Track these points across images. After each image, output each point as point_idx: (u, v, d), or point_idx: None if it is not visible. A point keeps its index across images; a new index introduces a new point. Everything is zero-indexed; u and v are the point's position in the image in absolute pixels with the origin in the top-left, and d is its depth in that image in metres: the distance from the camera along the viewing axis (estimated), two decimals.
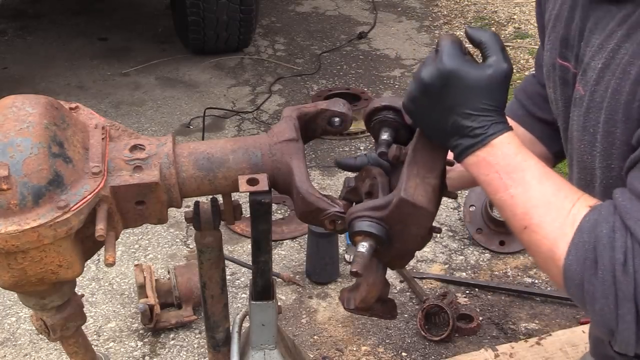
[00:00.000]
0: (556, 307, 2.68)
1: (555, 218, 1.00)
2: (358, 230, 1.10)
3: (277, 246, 3.00)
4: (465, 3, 5.49)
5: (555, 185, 1.03)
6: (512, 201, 1.03)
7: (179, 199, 1.17)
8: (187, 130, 3.91)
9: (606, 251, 0.95)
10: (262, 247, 1.28)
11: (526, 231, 1.03)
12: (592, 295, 0.97)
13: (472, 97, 1.03)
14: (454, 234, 3.10)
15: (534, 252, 1.04)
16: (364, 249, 1.09)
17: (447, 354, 2.48)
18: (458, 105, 1.04)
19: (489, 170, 1.04)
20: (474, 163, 1.06)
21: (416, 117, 1.11)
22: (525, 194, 1.02)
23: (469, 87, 1.03)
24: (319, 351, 2.51)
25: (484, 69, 1.04)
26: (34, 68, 4.58)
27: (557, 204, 1.01)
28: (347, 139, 3.79)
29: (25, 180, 1.00)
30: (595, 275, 0.96)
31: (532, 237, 1.02)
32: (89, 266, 2.82)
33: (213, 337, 1.45)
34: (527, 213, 1.02)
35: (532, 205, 1.01)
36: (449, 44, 1.05)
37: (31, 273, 1.05)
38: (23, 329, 2.60)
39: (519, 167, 1.03)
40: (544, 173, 1.03)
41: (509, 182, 1.03)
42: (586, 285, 0.97)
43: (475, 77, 1.03)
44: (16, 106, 1.07)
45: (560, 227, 0.99)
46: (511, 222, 1.05)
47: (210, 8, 4.33)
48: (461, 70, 1.03)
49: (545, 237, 1.00)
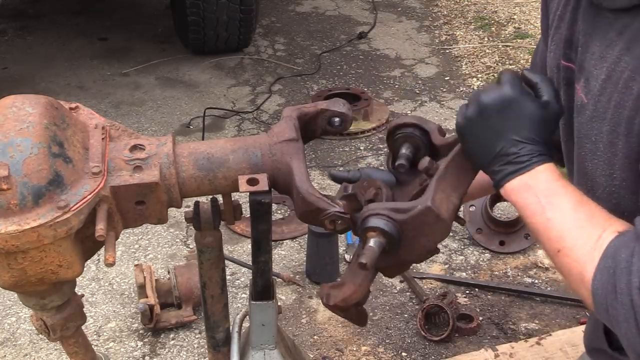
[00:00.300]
0: (556, 307, 2.68)
1: (586, 242, 1.03)
2: (374, 226, 1.12)
3: (277, 246, 3.00)
4: (465, 3, 5.49)
5: (590, 211, 1.06)
6: (547, 224, 1.06)
7: (179, 199, 1.17)
8: (187, 130, 3.91)
9: (623, 275, 0.97)
10: (262, 247, 1.28)
11: (559, 254, 1.06)
12: (616, 319, 0.99)
13: (524, 127, 1.09)
14: (454, 234, 3.10)
15: (566, 275, 1.07)
16: (375, 245, 1.11)
17: (447, 354, 2.48)
18: (510, 132, 1.09)
19: (528, 194, 1.08)
20: (515, 187, 1.09)
21: (467, 137, 1.15)
22: (561, 218, 1.06)
23: (524, 117, 1.09)
24: (319, 351, 2.51)
25: (540, 104, 1.10)
26: (34, 68, 4.58)
27: (589, 230, 1.04)
28: (347, 139, 3.79)
29: (25, 180, 1.00)
30: (616, 300, 0.98)
31: (564, 260, 1.05)
32: (89, 266, 2.82)
33: (213, 337, 1.45)
34: (561, 237, 1.05)
35: (566, 229, 1.05)
36: (511, 76, 1.12)
37: (31, 273, 1.05)
38: (23, 329, 2.60)
39: (557, 192, 1.07)
40: (580, 200, 1.07)
41: (547, 206, 1.07)
42: (610, 309, 0.99)
43: (531, 109, 1.09)
44: (16, 106, 1.07)
45: (589, 251, 1.02)
46: (545, 245, 1.08)
47: (210, 8, 4.33)
48: (520, 99, 1.09)
49: (576, 260, 1.04)
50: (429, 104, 4.19)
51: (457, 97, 4.26)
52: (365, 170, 1.29)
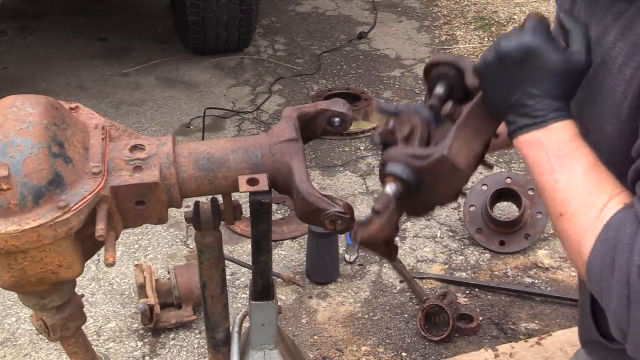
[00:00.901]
0: (556, 307, 2.68)
1: (591, 210, 1.01)
2: (392, 172, 1.11)
3: (277, 246, 3.00)
4: (465, 3, 5.49)
5: (599, 178, 1.03)
6: (554, 186, 1.04)
7: (179, 199, 1.17)
8: (187, 130, 3.91)
9: (624, 252, 0.95)
10: (262, 247, 1.28)
11: (561, 218, 1.03)
12: (608, 293, 0.97)
13: (543, 79, 1.05)
14: (454, 234, 3.10)
15: (565, 240, 1.05)
16: (391, 191, 1.11)
17: (447, 354, 2.48)
18: (527, 83, 1.05)
19: (540, 151, 1.05)
20: (527, 141, 1.06)
21: (484, 83, 1.12)
22: (569, 182, 1.03)
23: (544, 68, 1.05)
24: (319, 351, 2.51)
25: (564, 55, 1.05)
26: (34, 68, 4.58)
27: (595, 197, 1.01)
28: (347, 139, 3.79)
29: (25, 180, 1.00)
30: (612, 275, 0.96)
31: (565, 225, 1.03)
32: (89, 266, 2.82)
33: (213, 337, 1.45)
34: (566, 201, 1.02)
35: (572, 194, 1.02)
36: (536, 21, 1.06)
37: (31, 273, 1.05)
38: (23, 329, 2.60)
39: (569, 154, 1.04)
40: (592, 165, 1.04)
41: (557, 167, 1.04)
42: (604, 282, 0.98)
43: (553, 60, 1.04)
44: (16, 106, 1.07)
45: (592, 220, 1.00)
46: (549, 206, 1.06)
47: (210, 8, 4.33)
48: (541, 49, 1.05)
49: (577, 227, 1.01)
50: None
51: None
52: (410, 105, 1.25)
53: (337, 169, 3.55)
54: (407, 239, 3.06)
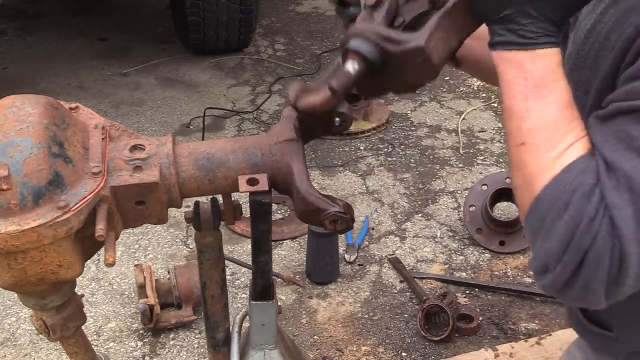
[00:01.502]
0: (556, 307, 2.68)
1: (554, 147, 0.98)
2: (357, 49, 1.01)
3: (277, 246, 3.00)
4: None
5: (571, 116, 1.00)
6: (525, 114, 1.00)
7: (179, 199, 1.17)
8: (187, 130, 3.91)
9: (581, 201, 0.94)
10: (262, 247, 1.28)
11: (522, 148, 1.00)
12: (548, 233, 0.96)
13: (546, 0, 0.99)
14: (454, 234, 3.10)
15: (518, 170, 1.02)
16: (353, 70, 1.02)
17: (447, 354, 2.48)
18: (527, 0, 0.99)
19: (519, 73, 1.01)
20: (508, 59, 1.01)
21: None
22: (541, 113, 1.00)
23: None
24: (319, 351, 2.51)
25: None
26: (34, 68, 4.58)
27: (562, 135, 0.99)
28: (347, 139, 3.79)
29: (25, 180, 1.00)
30: (560, 217, 0.95)
31: (523, 156, 1.00)
32: (89, 266, 2.82)
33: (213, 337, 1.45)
34: (532, 132, 0.99)
35: (540, 127, 0.99)
36: None
37: (31, 273, 1.05)
38: (23, 329, 2.60)
39: (548, 85, 1.00)
40: (567, 101, 1.01)
41: (531, 95, 1.00)
42: (547, 221, 0.96)
43: None
44: (16, 106, 1.07)
45: (553, 158, 0.98)
46: (512, 133, 1.03)
47: (210, 8, 4.33)
48: None
49: (536, 161, 0.99)
50: (429, 104, 4.19)
51: (457, 97, 4.26)
52: None
53: (337, 169, 3.55)
54: (407, 239, 3.06)
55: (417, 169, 3.55)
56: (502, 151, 3.70)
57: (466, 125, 3.97)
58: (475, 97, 4.26)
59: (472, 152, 3.71)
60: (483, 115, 4.07)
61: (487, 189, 3.05)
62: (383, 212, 3.24)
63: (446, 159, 3.66)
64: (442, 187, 3.42)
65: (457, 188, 3.41)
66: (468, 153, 3.70)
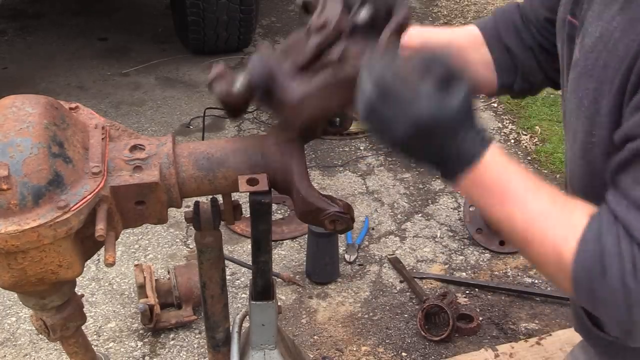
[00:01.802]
0: (556, 307, 2.68)
1: (557, 229, 1.00)
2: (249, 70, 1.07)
3: (277, 246, 3.00)
4: (465, 3, 5.49)
5: (550, 196, 1.02)
6: (510, 217, 1.02)
7: (179, 199, 1.17)
8: (187, 130, 3.91)
9: (614, 260, 0.96)
10: (262, 247, 1.28)
11: (530, 245, 1.03)
12: (604, 302, 0.98)
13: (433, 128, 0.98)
14: (454, 234, 3.10)
15: (540, 264, 1.05)
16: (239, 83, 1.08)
17: (447, 354, 2.48)
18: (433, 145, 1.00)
19: (481, 190, 1.03)
20: (463, 186, 1.04)
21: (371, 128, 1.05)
22: (523, 208, 1.01)
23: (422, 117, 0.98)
24: (319, 351, 2.51)
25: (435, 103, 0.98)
26: (34, 68, 4.58)
27: (555, 215, 1.01)
28: (347, 139, 3.79)
29: (25, 180, 1.00)
30: (604, 284, 0.97)
31: (536, 250, 1.03)
32: (89, 266, 2.82)
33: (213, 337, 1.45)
34: (528, 228, 1.01)
35: (531, 219, 1.01)
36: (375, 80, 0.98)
37: (31, 273, 1.05)
38: (23, 329, 2.60)
39: (510, 182, 1.02)
40: (536, 185, 1.03)
41: (504, 199, 1.02)
42: (597, 293, 0.98)
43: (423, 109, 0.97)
44: (16, 106, 1.07)
45: (563, 238, 0.99)
46: (512, 237, 1.05)
47: (210, 8, 4.33)
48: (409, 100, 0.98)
49: (550, 248, 1.01)
50: None
51: None
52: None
53: (337, 169, 3.56)
54: (407, 239, 3.06)
55: (417, 169, 3.55)
56: None
57: None
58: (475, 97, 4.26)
59: None
60: (483, 115, 4.07)
61: None
62: (383, 212, 3.24)
63: None
64: (442, 187, 3.42)
65: None
66: None
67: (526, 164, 3.58)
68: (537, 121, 3.92)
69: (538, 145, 3.73)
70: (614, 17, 1.09)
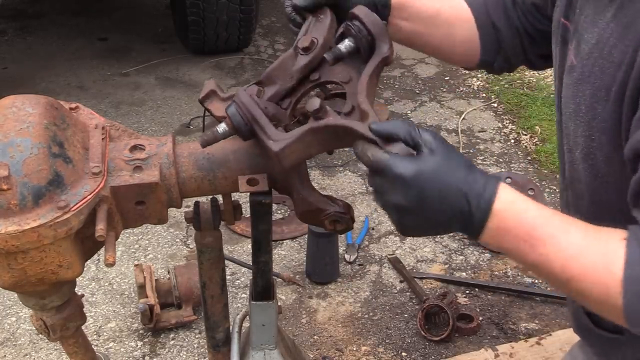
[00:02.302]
0: (556, 307, 2.68)
1: (597, 262, 0.98)
2: (231, 115, 1.11)
3: (277, 246, 3.00)
4: None
5: (579, 229, 1.00)
6: (545, 259, 1.00)
7: (179, 199, 1.17)
8: (187, 130, 3.91)
9: None
10: (262, 247, 1.28)
11: (571, 283, 1.00)
12: None
13: (443, 198, 0.98)
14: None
15: (586, 300, 1.02)
16: (221, 131, 1.12)
17: (447, 354, 2.48)
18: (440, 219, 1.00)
19: (508, 238, 1.00)
20: (489, 237, 1.01)
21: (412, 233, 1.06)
22: (556, 248, 0.99)
23: (444, 192, 0.98)
24: (319, 351, 2.51)
25: (416, 164, 0.98)
26: (34, 68, 4.58)
27: (592, 248, 0.99)
28: None
29: (25, 181, 1.00)
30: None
31: (579, 286, 1.00)
32: (89, 266, 2.82)
33: (213, 337, 1.45)
34: (566, 265, 0.99)
35: (568, 256, 0.99)
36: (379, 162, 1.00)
37: (31, 273, 1.05)
38: (23, 329, 2.60)
39: (536, 223, 1.00)
40: (562, 221, 1.01)
41: (535, 242, 0.99)
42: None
43: (409, 174, 0.97)
44: (16, 106, 1.07)
45: (605, 268, 0.97)
46: (551, 278, 1.03)
47: (210, 8, 4.33)
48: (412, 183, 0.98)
49: (594, 282, 0.98)
50: (429, 104, 4.19)
51: (457, 97, 4.26)
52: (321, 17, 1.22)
53: (337, 169, 3.56)
54: (407, 239, 3.06)
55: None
56: (502, 151, 3.70)
57: (466, 125, 3.97)
58: (475, 97, 4.26)
59: (472, 152, 3.71)
60: (483, 115, 4.07)
61: None
62: (383, 212, 3.24)
63: None
64: None
65: None
66: (468, 153, 3.70)
67: (526, 164, 3.58)
68: (537, 121, 3.92)
69: (538, 145, 3.73)
70: (609, 23, 1.09)
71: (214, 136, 1.12)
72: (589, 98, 1.12)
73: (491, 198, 0.98)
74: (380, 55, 1.15)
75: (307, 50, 1.16)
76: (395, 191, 0.98)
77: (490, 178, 1.01)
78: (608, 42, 1.08)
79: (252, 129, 1.10)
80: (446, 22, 1.43)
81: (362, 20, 1.16)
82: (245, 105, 1.11)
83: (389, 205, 1.01)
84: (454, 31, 1.44)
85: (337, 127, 1.06)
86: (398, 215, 1.01)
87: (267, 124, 1.09)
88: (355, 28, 1.17)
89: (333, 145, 1.12)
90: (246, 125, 1.10)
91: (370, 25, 1.16)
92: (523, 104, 4.11)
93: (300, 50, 1.17)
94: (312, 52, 1.16)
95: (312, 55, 1.16)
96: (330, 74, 1.19)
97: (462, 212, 0.98)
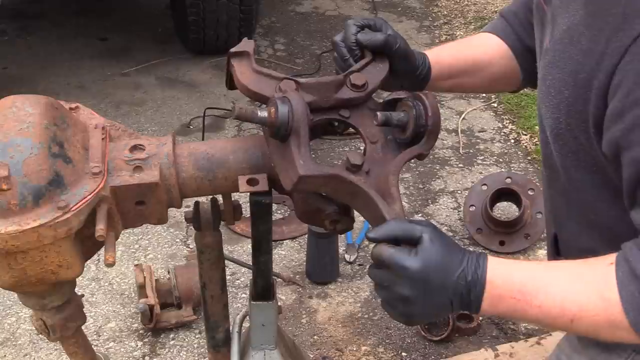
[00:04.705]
0: None
1: (590, 294, 1.01)
2: (280, 111, 1.10)
3: (277, 246, 3.00)
4: (465, 3, 5.49)
5: (565, 270, 1.05)
6: (543, 309, 1.03)
7: (179, 199, 1.17)
8: (187, 130, 3.91)
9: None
10: (262, 247, 1.28)
11: (575, 323, 1.03)
12: None
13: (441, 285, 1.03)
14: (454, 234, 3.10)
15: (597, 333, 1.05)
16: (262, 115, 1.11)
17: (447, 354, 2.48)
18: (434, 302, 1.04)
19: (504, 302, 1.05)
20: (488, 306, 1.05)
21: None
22: (549, 295, 1.03)
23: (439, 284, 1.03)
24: (319, 351, 2.51)
25: (416, 260, 1.02)
26: (34, 68, 4.58)
27: (581, 283, 1.02)
28: (347, 139, 3.78)
29: (25, 181, 1.00)
30: None
31: (584, 323, 1.03)
32: (89, 266, 2.82)
33: (213, 337, 1.45)
34: (564, 308, 1.02)
35: (562, 300, 1.02)
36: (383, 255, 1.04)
37: (31, 273, 1.05)
38: (23, 329, 2.60)
39: (523, 280, 1.05)
40: (546, 268, 1.06)
41: (528, 298, 1.04)
42: None
43: (414, 269, 1.02)
44: (16, 106, 1.07)
45: (600, 297, 1.00)
46: (558, 325, 1.06)
47: (210, 8, 4.32)
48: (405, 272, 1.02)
49: (595, 314, 1.01)
50: None
51: (456, 97, 4.26)
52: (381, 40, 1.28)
53: None
54: None
55: (417, 168, 3.55)
56: (502, 151, 3.70)
57: (466, 125, 3.97)
58: (475, 97, 4.26)
59: (472, 152, 3.71)
60: (483, 115, 4.07)
61: (487, 188, 3.05)
62: None
63: (446, 158, 3.66)
64: (442, 187, 3.42)
65: (457, 188, 3.41)
66: (468, 153, 3.70)
67: (526, 164, 3.58)
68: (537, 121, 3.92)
69: (538, 145, 3.73)
70: (578, 10, 1.12)
71: (251, 116, 1.10)
72: (557, 82, 1.14)
73: (483, 274, 1.03)
74: (421, 149, 1.16)
75: (356, 88, 1.17)
76: (402, 284, 1.02)
77: (480, 255, 1.06)
78: (577, 29, 1.11)
79: (287, 135, 1.09)
80: (485, 66, 1.49)
81: (427, 108, 1.16)
82: (298, 115, 1.09)
83: (395, 297, 1.04)
84: (494, 70, 1.50)
85: (367, 195, 1.07)
86: (404, 306, 1.04)
87: (306, 144, 1.09)
88: (417, 111, 1.16)
89: (344, 200, 1.14)
90: (286, 132, 1.09)
91: (432, 119, 1.16)
92: (523, 104, 4.11)
93: (350, 83, 1.17)
94: (360, 91, 1.17)
95: (357, 95, 1.17)
96: (361, 121, 1.19)
97: (462, 294, 1.03)
